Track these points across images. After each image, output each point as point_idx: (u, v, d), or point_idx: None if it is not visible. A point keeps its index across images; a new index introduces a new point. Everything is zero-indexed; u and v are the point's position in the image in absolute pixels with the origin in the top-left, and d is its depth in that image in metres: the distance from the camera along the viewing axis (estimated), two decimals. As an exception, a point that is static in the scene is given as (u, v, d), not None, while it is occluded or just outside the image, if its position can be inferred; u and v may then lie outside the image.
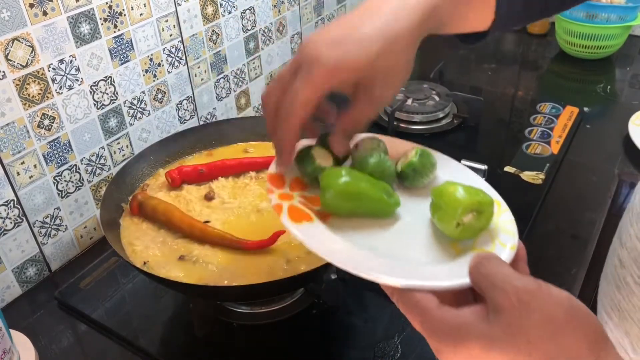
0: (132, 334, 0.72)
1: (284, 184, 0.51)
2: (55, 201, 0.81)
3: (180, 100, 0.98)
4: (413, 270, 0.44)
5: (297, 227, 0.46)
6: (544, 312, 0.36)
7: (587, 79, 1.33)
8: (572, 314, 0.36)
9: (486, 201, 0.47)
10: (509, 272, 0.38)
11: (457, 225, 0.46)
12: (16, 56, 0.71)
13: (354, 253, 0.45)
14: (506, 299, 0.36)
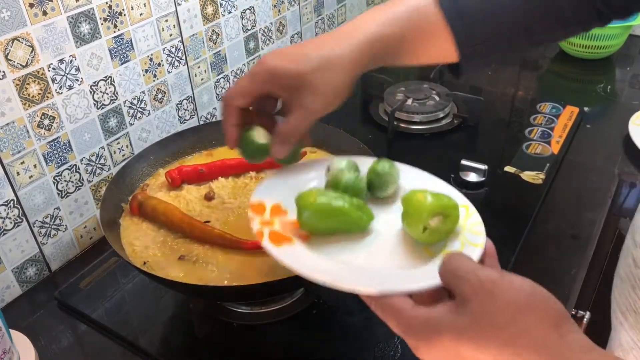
0: (132, 334, 0.72)
1: (265, 211, 0.55)
2: (55, 201, 0.81)
3: (180, 100, 0.98)
4: (388, 277, 0.47)
5: (276, 249, 0.49)
6: (506, 298, 0.38)
7: (587, 79, 1.33)
8: (533, 298, 0.38)
9: (451, 205, 0.50)
10: (473, 265, 0.41)
11: (424, 229, 0.49)
12: (16, 56, 0.71)
13: (330, 267, 0.49)
14: (470, 289, 0.39)
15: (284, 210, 0.56)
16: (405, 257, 0.51)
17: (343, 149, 0.85)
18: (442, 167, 0.99)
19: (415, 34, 0.57)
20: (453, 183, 0.94)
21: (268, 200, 0.56)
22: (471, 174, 0.93)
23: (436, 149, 1.07)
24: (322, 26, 1.29)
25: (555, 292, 0.47)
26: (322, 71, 0.54)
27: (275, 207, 0.56)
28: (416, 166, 0.65)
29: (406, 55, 0.59)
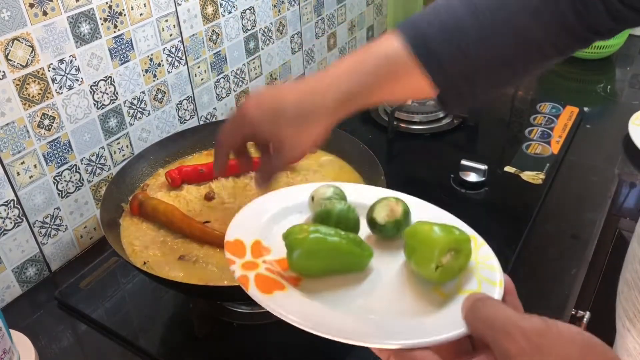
0: (132, 334, 0.72)
1: (245, 251, 0.48)
2: (55, 201, 0.81)
3: (180, 100, 0.98)
4: (404, 328, 0.42)
5: (269, 300, 0.43)
6: (559, 353, 0.34)
7: (587, 79, 1.33)
8: (588, 351, 0.34)
9: (463, 238, 0.45)
10: (509, 313, 0.36)
11: (436, 267, 0.44)
12: (16, 56, 0.71)
13: (339, 319, 0.43)
14: (514, 344, 0.34)
15: (266, 247, 0.49)
16: (414, 300, 0.45)
17: (343, 150, 0.85)
18: (442, 167, 0.99)
19: (387, 82, 0.59)
20: (453, 183, 0.94)
21: (246, 237, 0.49)
22: (471, 174, 0.93)
23: (436, 149, 1.07)
24: (322, 26, 1.29)
25: (555, 292, 0.47)
26: (297, 127, 0.58)
27: (256, 244, 0.49)
28: (416, 166, 0.64)
29: (382, 99, 0.62)
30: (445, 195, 0.93)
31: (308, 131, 0.59)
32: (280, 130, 0.59)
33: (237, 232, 0.50)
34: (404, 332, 0.40)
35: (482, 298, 0.39)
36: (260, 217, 0.53)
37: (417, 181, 0.98)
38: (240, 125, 0.61)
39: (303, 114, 0.58)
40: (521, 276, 0.77)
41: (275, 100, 0.59)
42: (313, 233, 0.46)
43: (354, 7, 1.40)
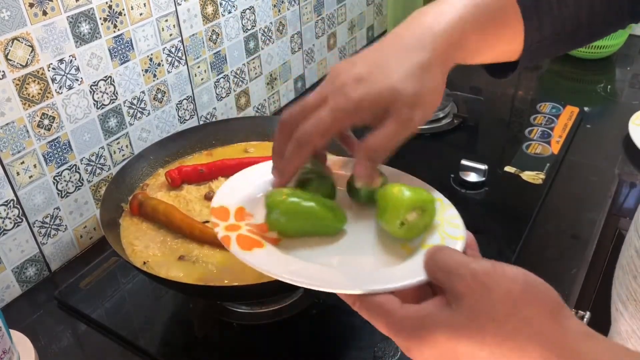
0: (132, 334, 0.72)
1: (229, 216, 0.51)
2: (55, 201, 0.81)
3: (180, 100, 0.98)
4: (369, 276, 0.45)
5: (247, 254, 0.46)
6: (502, 290, 0.36)
7: (587, 79, 1.33)
8: (529, 288, 0.37)
9: (428, 199, 0.48)
10: (462, 258, 0.39)
11: (402, 224, 0.47)
12: (16, 56, 0.70)
13: (307, 269, 0.46)
14: (464, 283, 0.37)
15: (248, 213, 0.52)
16: (383, 256, 0.49)
17: (343, 149, 0.85)
18: (442, 167, 0.99)
19: (494, 28, 0.52)
20: (453, 183, 0.94)
21: (231, 204, 0.52)
22: (471, 174, 0.93)
23: (436, 149, 1.07)
24: (322, 26, 1.29)
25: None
26: (414, 79, 0.47)
27: (240, 210, 0.52)
28: (416, 166, 0.64)
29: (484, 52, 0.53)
30: (445, 195, 0.93)
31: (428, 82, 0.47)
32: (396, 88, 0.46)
33: (223, 199, 0.53)
34: (368, 280, 0.43)
35: (441, 247, 0.42)
36: (246, 187, 0.55)
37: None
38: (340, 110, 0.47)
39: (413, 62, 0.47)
40: (521, 276, 0.77)
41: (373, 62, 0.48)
42: (290, 197, 0.49)
43: (354, 7, 1.40)
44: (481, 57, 0.54)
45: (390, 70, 0.47)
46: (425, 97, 0.47)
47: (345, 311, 0.73)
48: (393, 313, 0.39)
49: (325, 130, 0.47)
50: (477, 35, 0.51)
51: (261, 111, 1.19)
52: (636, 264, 0.71)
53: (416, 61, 0.47)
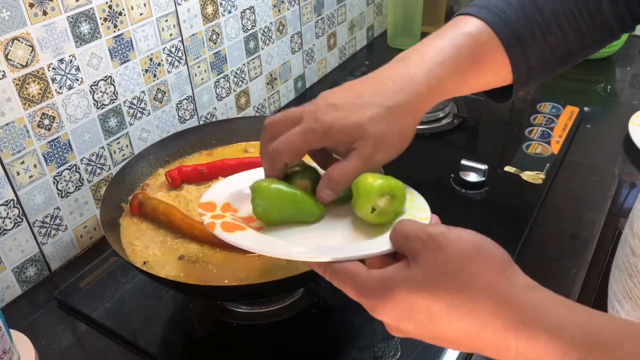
0: (132, 334, 0.72)
1: (215, 208, 0.56)
2: (55, 201, 0.81)
3: (180, 100, 0.98)
4: (340, 248, 0.49)
5: (228, 234, 0.51)
6: (456, 248, 0.40)
7: (587, 79, 1.33)
8: (480, 246, 0.40)
9: (397, 185, 0.51)
10: (421, 224, 0.43)
11: (373, 209, 0.50)
12: (16, 56, 0.70)
13: (282, 243, 0.50)
14: (421, 244, 0.41)
15: (234, 208, 0.57)
16: (356, 239, 0.52)
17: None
18: (442, 167, 0.99)
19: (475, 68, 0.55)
20: (453, 183, 0.94)
21: (218, 200, 0.58)
22: (471, 174, 0.93)
23: (436, 149, 1.07)
24: (322, 26, 1.29)
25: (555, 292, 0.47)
26: (384, 122, 0.51)
27: (226, 205, 0.57)
28: (416, 166, 0.65)
29: (462, 90, 0.56)
30: (445, 195, 0.93)
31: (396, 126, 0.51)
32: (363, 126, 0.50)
33: (211, 196, 0.59)
34: (338, 250, 0.47)
35: (405, 220, 0.45)
36: (233, 188, 0.61)
37: (417, 181, 0.97)
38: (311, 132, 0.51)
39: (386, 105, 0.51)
40: (521, 276, 0.77)
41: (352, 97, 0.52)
42: (274, 183, 0.54)
43: (354, 7, 1.40)
44: (463, 92, 0.57)
45: (364, 107, 0.51)
46: (390, 140, 0.52)
47: (345, 311, 0.73)
48: (359, 276, 0.43)
49: (294, 149, 0.52)
50: (456, 79, 0.54)
51: (261, 111, 1.19)
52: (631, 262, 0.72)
53: (389, 105, 0.51)
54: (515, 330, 0.37)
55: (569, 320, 0.36)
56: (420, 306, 0.40)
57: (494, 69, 0.56)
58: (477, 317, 0.38)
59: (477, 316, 0.38)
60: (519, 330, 0.36)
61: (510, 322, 0.37)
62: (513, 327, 0.37)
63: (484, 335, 0.38)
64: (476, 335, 0.38)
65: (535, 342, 0.36)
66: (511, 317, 0.37)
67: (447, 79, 0.53)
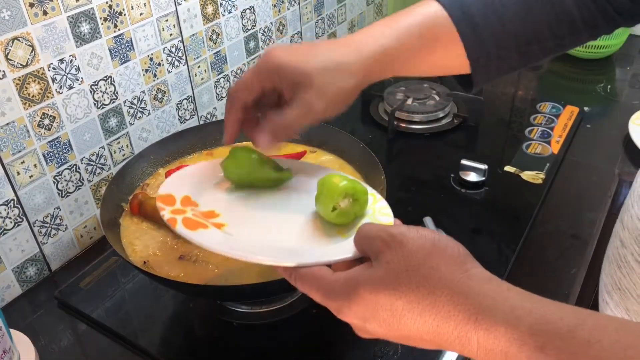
0: (132, 334, 0.72)
1: (175, 202, 0.55)
2: (55, 201, 0.81)
3: (181, 99, 0.98)
4: (306, 252, 0.50)
5: (192, 233, 0.50)
6: (415, 244, 0.41)
7: (587, 78, 1.33)
8: (439, 242, 0.42)
9: (361, 190, 0.53)
10: (383, 226, 0.44)
11: (334, 209, 0.52)
12: (16, 56, 0.71)
13: (249, 246, 0.50)
14: (382, 243, 0.42)
15: (194, 202, 0.57)
16: (320, 239, 0.53)
17: (343, 149, 0.85)
18: (442, 167, 0.99)
19: (425, 44, 0.57)
20: (453, 183, 0.94)
21: (177, 192, 0.57)
22: (471, 173, 0.93)
23: (436, 149, 1.07)
24: (322, 26, 1.29)
25: (555, 292, 0.47)
26: (330, 73, 0.53)
27: (185, 198, 0.57)
28: (416, 166, 0.66)
29: (416, 66, 0.59)
30: (445, 195, 0.93)
31: (340, 80, 0.54)
32: (312, 72, 0.53)
33: (169, 188, 0.58)
34: (304, 255, 0.47)
35: (368, 223, 0.46)
36: (191, 179, 0.60)
37: (417, 181, 0.98)
38: (266, 69, 0.54)
39: (338, 59, 0.54)
40: (521, 276, 0.77)
41: (305, 47, 0.55)
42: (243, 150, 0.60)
43: (354, 7, 1.40)
44: (415, 69, 0.60)
45: (315, 57, 0.54)
46: (331, 94, 0.54)
47: (345, 311, 0.73)
48: (324, 279, 0.44)
49: (248, 85, 0.55)
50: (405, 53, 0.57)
51: (261, 111, 1.19)
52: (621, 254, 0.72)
53: (338, 61, 0.54)
54: (475, 321, 0.37)
55: (527, 309, 0.37)
56: (383, 304, 0.40)
57: (446, 49, 0.58)
58: (438, 310, 0.39)
59: (438, 309, 0.39)
60: (478, 321, 0.37)
61: (469, 313, 0.38)
62: (472, 318, 0.37)
63: (445, 329, 0.39)
64: (438, 329, 0.39)
65: (494, 332, 0.36)
66: (470, 308, 0.38)
67: (396, 52, 0.56)
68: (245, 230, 0.54)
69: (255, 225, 0.55)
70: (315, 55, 0.54)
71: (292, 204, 0.58)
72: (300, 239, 0.54)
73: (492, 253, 0.79)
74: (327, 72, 0.53)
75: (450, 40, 0.57)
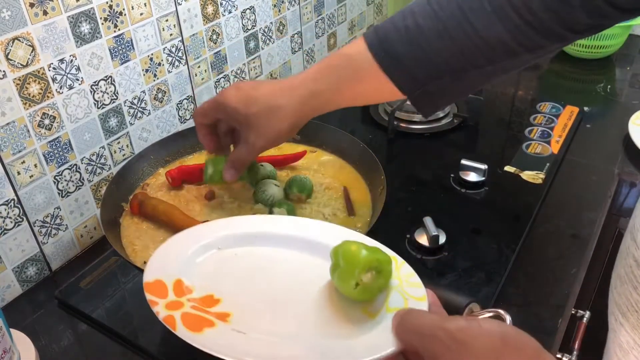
0: (132, 334, 0.72)
1: (167, 291, 0.47)
2: (56, 200, 0.81)
3: (181, 99, 0.98)
4: (337, 350, 0.42)
5: (200, 338, 0.42)
6: (481, 344, 0.36)
7: (587, 78, 1.33)
8: (508, 338, 0.36)
9: (385, 260, 0.46)
10: (435, 318, 0.38)
11: (356, 285, 0.45)
12: (16, 56, 0.71)
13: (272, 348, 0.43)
14: (441, 345, 0.36)
15: (188, 287, 0.48)
16: (344, 322, 0.46)
17: (343, 149, 0.85)
18: (442, 167, 0.99)
19: (351, 83, 0.62)
20: (453, 183, 0.94)
21: (166, 277, 0.49)
22: (471, 173, 0.93)
23: (436, 149, 1.07)
24: (322, 26, 1.30)
25: (555, 292, 0.47)
26: (265, 116, 0.63)
27: (178, 283, 0.48)
28: (416, 166, 0.65)
29: (347, 101, 0.65)
30: (445, 195, 0.93)
31: (275, 122, 0.64)
32: (250, 117, 0.64)
33: (157, 272, 0.49)
34: (337, 355, 0.40)
35: (408, 311, 0.41)
36: (180, 255, 0.52)
37: (417, 181, 0.98)
38: (216, 105, 0.66)
39: (273, 105, 0.63)
40: (521, 276, 0.77)
41: (251, 90, 0.65)
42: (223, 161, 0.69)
43: (354, 6, 1.40)
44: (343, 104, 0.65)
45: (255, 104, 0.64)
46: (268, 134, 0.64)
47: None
48: None
49: (204, 113, 0.69)
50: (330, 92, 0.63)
51: (261, 111, 1.19)
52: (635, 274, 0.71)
53: (271, 105, 0.63)
54: None
55: None
56: None
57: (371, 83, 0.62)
58: None
59: None
60: None
61: None
62: None
63: None
64: None
65: None
66: None
67: (321, 91, 0.63)
68: (253, 320, 0.46)
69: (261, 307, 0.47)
70: (256, 101, 0.63)
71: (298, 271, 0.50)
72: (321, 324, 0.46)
73: (492, 253, 0.79)
74: (264, 116, 0.63)
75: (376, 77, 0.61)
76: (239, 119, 0.65)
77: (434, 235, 0.78)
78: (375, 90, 0.63)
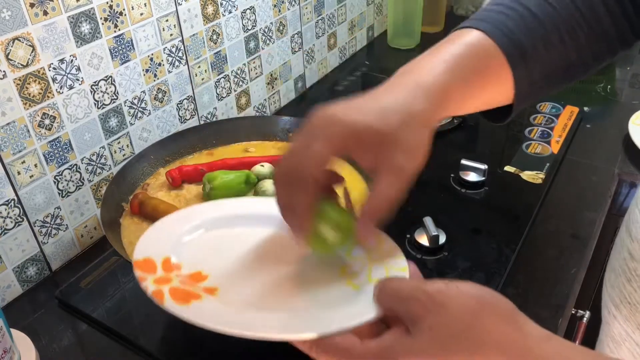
0: (133, 334, 0.72)
1: (156, 268, 0.48)
2: (56, 200, 0.81)
3: (181, 99, 0.98)
4: (322, 318, 0.43)
5: (186, 309, 0.43)
6: (459, 306, 0.36)
7: (587, 78, 1.33)
8: (484, 300, 0.37)
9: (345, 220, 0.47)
10: (414, 282, 0.39)
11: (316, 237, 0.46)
12: (17, 56, 0.71)
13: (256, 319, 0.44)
14: (420, 306, 0.37)
15: (176, 264, 0.49)
16: (329, 295, 0.46)
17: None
18: (442, 167, 0.99)
19: (477, 79, 0.50)
20: (453, 183, 0.95)
21: (155, 255, 0.49)
22: (471, 173, 0.94)
23: (436, 149, 1.06)
24: (322, 26, 1.30)
25: (555, 292, 0.47)
26: (409, 127, 0.44)
27: (166, 261, 0.49)
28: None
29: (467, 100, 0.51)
30: (445, 195, 0.93)
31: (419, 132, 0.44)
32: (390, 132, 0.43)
33: (146, 251, 0.50)
34: (321, 322, 0.42)
35: (390, 278, 0.42)
36: (169, 235, 0.53)
37: (417, 181, 0.98)
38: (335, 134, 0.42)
39: (409, 110, 0.44)
40: (521, 276, 0.77)
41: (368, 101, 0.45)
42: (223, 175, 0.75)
43: (354, 7, 1.40)
44: (467, 108, 0.52)
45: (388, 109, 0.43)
46: (418, 150, 0.44)
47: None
48: (354, 351, 0.38)
49: (319, 158, 0.42)
50: (462, 88, 0.48)
51: (261, 111, 1.19)
52: (629, 267, 0.71)
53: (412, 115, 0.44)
54: None
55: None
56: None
57: (497, 82, 0.51)
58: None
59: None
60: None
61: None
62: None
63: None
64: None
65: None
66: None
67: (454, 88, 0.47)
68: (240, 294, 0.47)
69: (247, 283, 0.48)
70: (387, 110, 0.43)
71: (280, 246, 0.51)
72: (305, 295, 0.47)
73: (492, 253, 0.80)
74: (407, 127, 0.43)
75: (501, 73, 0.51)
76: (377, 140, 0.42)
77: (434, 235, 0.78)
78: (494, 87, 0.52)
